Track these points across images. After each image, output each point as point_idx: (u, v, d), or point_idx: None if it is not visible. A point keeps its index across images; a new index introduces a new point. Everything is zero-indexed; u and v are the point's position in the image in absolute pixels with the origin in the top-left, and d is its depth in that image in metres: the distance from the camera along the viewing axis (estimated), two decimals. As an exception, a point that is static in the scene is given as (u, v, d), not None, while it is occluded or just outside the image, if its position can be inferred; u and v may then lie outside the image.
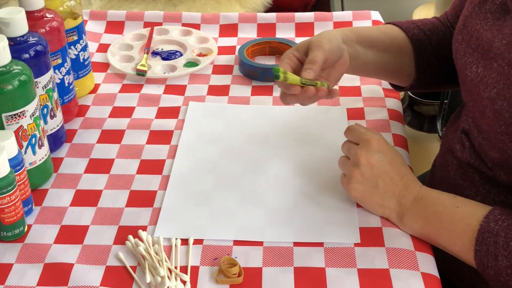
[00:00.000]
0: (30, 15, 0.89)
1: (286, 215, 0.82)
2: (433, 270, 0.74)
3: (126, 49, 1.17)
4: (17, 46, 0.84)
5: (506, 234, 0.69)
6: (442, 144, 0.94)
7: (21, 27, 0.84)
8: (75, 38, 1.01)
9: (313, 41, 0.86)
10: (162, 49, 1.19)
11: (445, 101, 1.59)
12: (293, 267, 0.74)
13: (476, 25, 0.80)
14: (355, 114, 1.00)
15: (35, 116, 0.82)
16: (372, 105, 1.02)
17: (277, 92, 1.07)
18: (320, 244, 0.77)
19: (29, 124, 0.82)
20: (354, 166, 0.79)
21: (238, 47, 1.19)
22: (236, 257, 0.75)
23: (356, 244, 0.77)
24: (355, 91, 1.06)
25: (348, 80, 1.08)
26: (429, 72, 0.96)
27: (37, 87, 0.86)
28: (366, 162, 0.78)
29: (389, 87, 1.07)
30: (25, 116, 0.81)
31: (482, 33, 0.78)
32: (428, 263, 0.75)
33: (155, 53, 1.17)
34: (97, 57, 1.16)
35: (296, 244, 0.77)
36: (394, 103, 1.04)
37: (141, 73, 1.09)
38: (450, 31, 0.97)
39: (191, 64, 1.14)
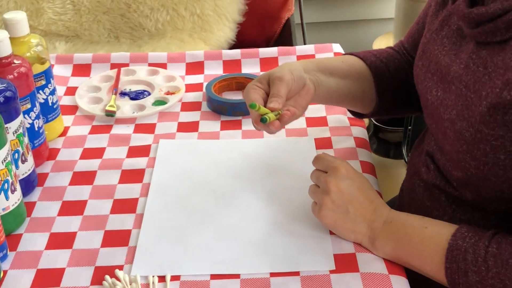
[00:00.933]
0: (-3, 62, 0.90)
1: (261, 246, 0.83)
2: (407, 293, 0.76)
3: (94, 90, 1.18)
4: (-14, 93, 0.85)
5: (474, 250, 0.71)
6: (408, 168, 0.97)
7: (-11, 74, 0.85)
8: (43, 82, 1.02)
9: (274, 73, 0.88)
10: (130, 89, 1.20)
11: (409, 127, 1.64)
12: (271, 298, 0.75)
13: (434, 51, 0.84)
14: (322, 143, 1.03)
15: (7, 161, 0.83)
16: (339, 134, 1.05)
17: (246, 126, 1.09)
18: (296, 273, 0.78)
19: (1, 169, 0.82)
20: (324, 194, 0.81)
21: (205, 84, 1.21)
22: (214, 291, 0.76)
23: (331, 271, 0.78)
24: (321, 121, 1.09)
25: (314, 111, 1.11)
26: (389, 97, 0.99)
27: (8, 133, 0.86)
28: (335, 189, 0.80)
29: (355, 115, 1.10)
30: (-3, 162, 0.81)
31: (440, 58, 0.82)
32: (401, 286, 0.76)
33: (123, 94, 1.19)
34: (65, 100, 1.17)
35: (273, 274, 0.79)
36: (360, 131, 1.07)
37: (110, 114, 1.10)
38: (406, 58, 1.01)
39: (159, 102, 1.16)
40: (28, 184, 0.93)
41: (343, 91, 0.97)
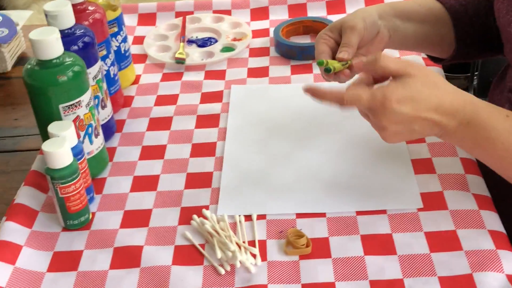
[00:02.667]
0: (73, 8, 0.90)
1: (345, 186, 0.82)
2: (499, 227, 0.74)
3: (162, 39, 1.18)
4: (65, 38, 0.85)
5: None
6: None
7: (68, 19, 0.85)
8: (116, 29, 1.02)
9: (347, 21, 0.85)
10: (196, 36, 1.19)
11: (476, 72, 1.59)
12: (360, 235, 0.75)
13: None
14: (398, 85, 1.00)
15: (90, 106, 0.84)
16: (414, 75, 1.02)
17: (317, 69, 1.07)
18: (383, 212, 0.78)
19: (85, 114, 0.83)
20: (380, 131, 0.74)
21: (271, 29, 1.19)
22: (301, 229, 0.76)
23: (419, 209, 0.77)
24: (395, 63, 1.06)
25: (390, 52, 1.08)
26: (469, 42, 0.95)
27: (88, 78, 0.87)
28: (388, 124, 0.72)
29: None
30: (81, 106, 0.82)
31: None
32: (493, 221, 0.75)
33: (190, 41, 1.18)
34: (134, 49, 1.17)
35: (359, 213, 0.78)
36: (437, 72, 1.04)
37: (180, 61, 1.10)
38: None
39: (227, 49, 1.15)
40: (108, 130, 0.94)
41: (420, 36, 0.93)
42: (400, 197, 0.80)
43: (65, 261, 0.75)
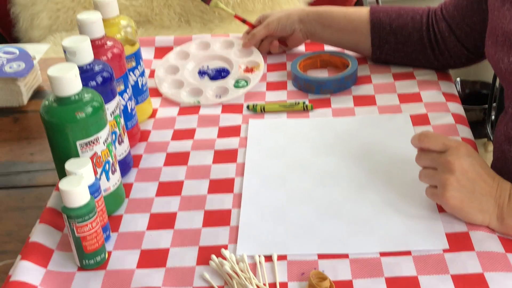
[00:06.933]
0: (92, 43, 0.89)
1: (368, 225, 0.80)
2: (529, 271, 0.72)
3: (173, 72, 1.17)
4: (84, 74, 0.84)
5: None
6: (495, 140, 0.93)
7: (87, 55, 0.85)
8: (134, 64, 1.01)
9: (266, 17, 1.17)
10: (207, 66, 1.18)
11: (493, 104, 1.57)
12: (384, 278, 0.73)
13: (499, 24, 0.85)
14: (419, 120, 0.99)
15: (108, 142, 0.82)
16: (435, 110, 1.01)
17: (335, 103, 1.06)
18: (408, 253, 0.75)
19: (103, 150, 0.82)
20: (449, 173, 0.76)
21: (288, 63, 1.19)
22: (323, 271, 0.74)
23: (445, 250, 0.75)
24: (415, 98, 1.04)
25: (407, 87, 1.07)
26: (386, 49, 1.10)
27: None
28: (460, 167, 0.76)
29: (449, 91, 1.06)
30: (99, 143, 0.81)
31: (506, 27, 0.84)
32: (522, 264, 0.73)
33: (202, 73, 1.17)
34: (150, 83, 1.16)
35: (383, 254, 0.76)
36: (456, 107, 1.02)
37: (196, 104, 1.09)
38: (429, 20, 1.06)
39: (241, 82, 1.13)
40: (124, 166, 0.93)
41: (335, 41, 1.15)
42: (425, 237, 0.77)
43: (80, 303, 0.73)
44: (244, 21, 1.23)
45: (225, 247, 0.79)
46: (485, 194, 0.76)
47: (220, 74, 1.16)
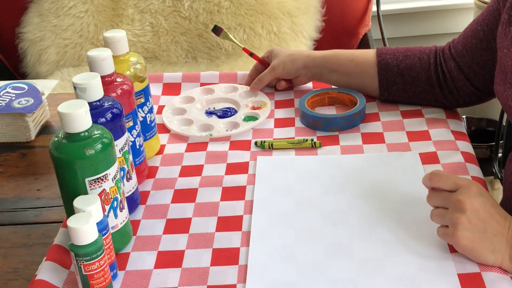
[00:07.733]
0: (102, 79, 0.90)
1: (378, 266, 0.79)
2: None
3: (180, 113, 1.17)
4: (94, 110, 0.84)
5: None
6: (505, 179, 0.93)
7: (97, 92, 0.85)
8: (142, 100, 1.01)
9: (273, 60, 1.19)
10: (214, 107, 1.18)
11: (500, 141, 1.57)
12: (396, 319, 0.71)
13: (507, 62, 0.87)
14: (428, 158, 0.99)
15: (117, 179, 0.82)
16: (444, 149, 1.01)
17: (343, 141, 1.06)
18: (420, 294, 0.74)
19: (111, 187, 0.81)
20: (460, 213, 0.75)
21: (296, 100, 1.19)
22: (334, 312, 0.73)
23: (458, 291, 0.74)
24: (424, 136, 1.04)
25: (415, 125, 1.07)
26: (398, 91, 1.10)
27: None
28: (471, 207, 0.75)
29: (458, 129, 1.06)
30: (108, 180, 0.80)
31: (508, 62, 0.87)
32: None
33: (209, 113, 1.17)
34: (159, 119, 1.16)
35: (394, 294, 0.75)
36: (466, 146, 1.02)
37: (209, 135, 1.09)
38: (438, 59, 1.07)
39: (250, 118, 1.14)
40: (132, 202, 0.92)
41: (343, 84, 1.15)
42: (437, 278, 0.76)
43: None
44: (251, 54, 1.24)
45: (234, 286, 0.78)
46: (496, 234, 0.75)
47: (227, 113, 1.17)
